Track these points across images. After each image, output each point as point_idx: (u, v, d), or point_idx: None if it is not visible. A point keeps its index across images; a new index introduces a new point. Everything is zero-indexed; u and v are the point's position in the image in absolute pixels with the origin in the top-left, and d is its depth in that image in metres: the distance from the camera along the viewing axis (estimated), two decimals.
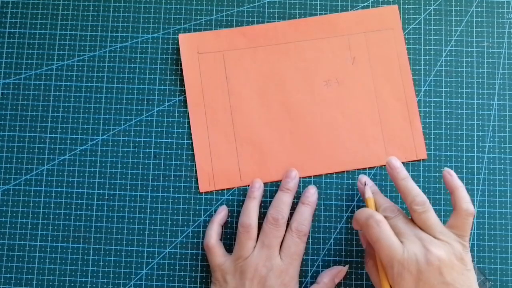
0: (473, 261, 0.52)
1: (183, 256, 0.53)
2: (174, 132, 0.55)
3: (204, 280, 0.53)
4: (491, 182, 0.53)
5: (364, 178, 0.51)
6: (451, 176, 0.48)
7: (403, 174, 0.48)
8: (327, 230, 0.53)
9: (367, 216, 0.46)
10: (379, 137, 0.54)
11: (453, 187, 0.47)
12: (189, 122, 0.54)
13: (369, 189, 0.49)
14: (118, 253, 0.53)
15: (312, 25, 0.55)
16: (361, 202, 0.53)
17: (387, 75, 0.55)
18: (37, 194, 0.54)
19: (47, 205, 0.54)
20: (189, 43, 0.55)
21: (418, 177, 0.53)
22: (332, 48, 0.55)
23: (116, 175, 0.54)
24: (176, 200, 0.54)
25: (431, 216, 0.46)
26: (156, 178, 0.54)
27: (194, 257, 0.53)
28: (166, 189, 0.54)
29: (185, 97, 0.55)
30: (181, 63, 0.55)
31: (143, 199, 0.54)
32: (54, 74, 0.55)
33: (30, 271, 0.53)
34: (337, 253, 0.53)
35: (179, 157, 0.54)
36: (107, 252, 0.53)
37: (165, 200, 0.54)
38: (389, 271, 0.44)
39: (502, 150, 0.54)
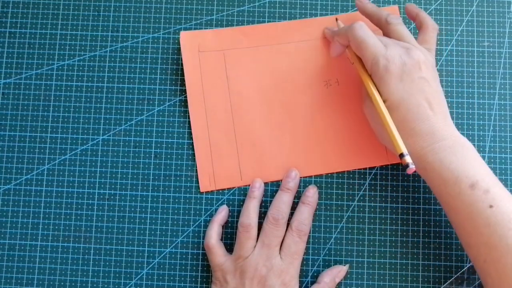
0: None
1: (184, 256, 0.53)
2: (175, 131, 0.55)
3: (204, 279, 0.53)
4: None
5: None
6: (413, 6, 0.52)
7: (370, 3, 0.52)
8: (327, 229, 0.53)
9: (350, 24, 0.49)
10: None
11: (416, 12, 0.52)
12: (189, 122, 0.54)
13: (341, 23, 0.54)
14: (118, 252, 0.53)
15: (313, 25, 0.55)
16: (361, 202, 0.53)
17: None
18: (38, 193, 0.54)
19: (48, 204, 0.54)
20: (190, 41, 0.55)
21: (419, 176, 0.53)
22: None
23: (116, 175, 0.54)
24: (176, 200, 0.54)
25: (405, 28, 0.50)
26: (156, 177, 0.54)
27: (195, 256, 0.53)
28: (166, 188, 0.54)
29: (186, 96, 0.55)
30: (181, 63, 0.55)
31: (144, 198, 0.54)
32: (55, 74, 0.55)
33: (31, 271, 0.53)
34: (338, 252, 0.53)
35: (179, 156, 0.54)
36: (108, 252, 0.53)
37: (165, 199, 0.54)
38: (374, 68, 0.47)
39: (503, 150, 0.54)
